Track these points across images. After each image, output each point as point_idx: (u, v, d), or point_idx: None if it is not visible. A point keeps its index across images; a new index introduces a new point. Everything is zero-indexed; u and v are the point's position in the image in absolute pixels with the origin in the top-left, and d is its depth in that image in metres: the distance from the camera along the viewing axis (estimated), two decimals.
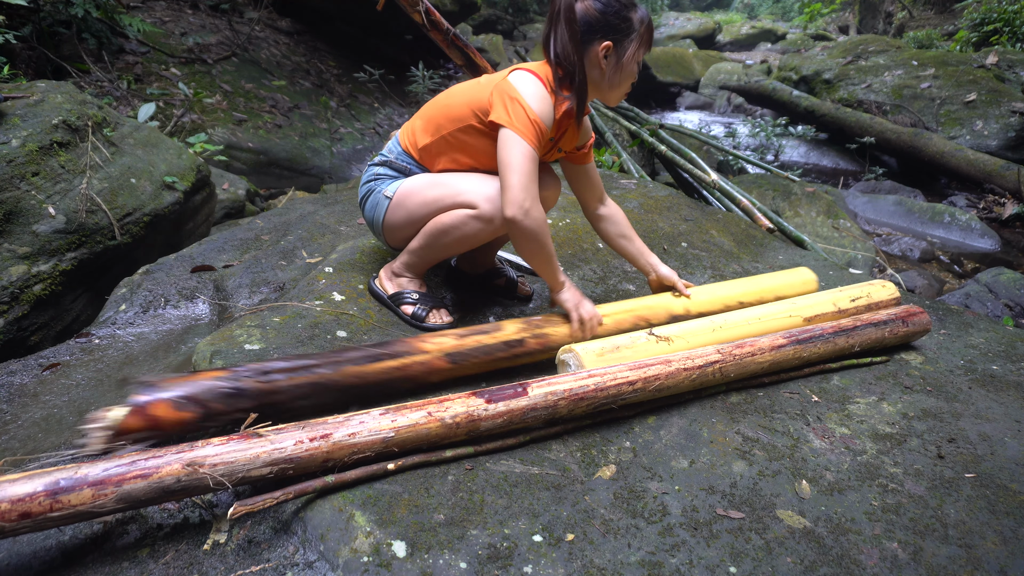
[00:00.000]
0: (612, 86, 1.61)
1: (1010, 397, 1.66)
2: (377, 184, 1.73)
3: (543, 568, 1.03)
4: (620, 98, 1.65)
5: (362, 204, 1.78)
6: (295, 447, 1.09)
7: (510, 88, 1.50)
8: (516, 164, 1.46)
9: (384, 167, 1.74)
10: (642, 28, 1.56)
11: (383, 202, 1.69)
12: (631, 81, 1.63)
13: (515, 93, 1.49)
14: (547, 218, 2.45)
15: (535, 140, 1.47)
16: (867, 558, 1.11)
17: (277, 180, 5.36)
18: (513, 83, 1.51)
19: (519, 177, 1.45)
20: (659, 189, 3.09)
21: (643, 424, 1.43)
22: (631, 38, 1.55)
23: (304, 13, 7.69)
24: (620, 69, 1.58)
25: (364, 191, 1.76)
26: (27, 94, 2.45)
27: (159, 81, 5.34)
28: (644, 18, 1.56)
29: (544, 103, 1.51)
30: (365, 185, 1.76)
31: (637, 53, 1.58)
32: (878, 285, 1.95)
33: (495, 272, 1.95)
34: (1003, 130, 6.00)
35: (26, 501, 0.91)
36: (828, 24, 17.25)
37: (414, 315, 1.70)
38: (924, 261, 4.26)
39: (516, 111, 1.47)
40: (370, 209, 1.74)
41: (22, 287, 2.15)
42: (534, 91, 1.50)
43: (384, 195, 1.69)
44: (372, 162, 1.78)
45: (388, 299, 1.75)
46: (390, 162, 1.73)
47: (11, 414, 1.52)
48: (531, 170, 1.47)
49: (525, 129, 1.46)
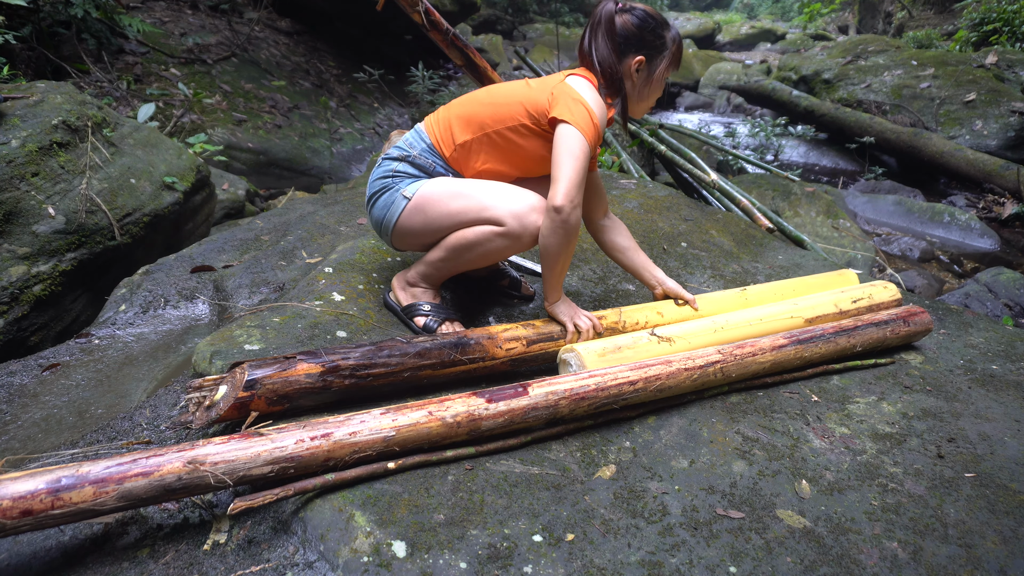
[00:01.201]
0: (641, 99, 1.65)
1: (1010, 397, 1.66)
2: (395, 182, 1.63)
3: (543, 568, 1.03)
4: (646, 111, 1.69)
5: (372, 200, 1.67)
6: (296, 446, 1.09)
7: (571, 90, 1.52)
8: (574, 158, 1.45)
9: (404, 163, 1.64)
10: (674, 47, 1.61)
11: (400, 202, 1.60)
12: (657, 96, 1.68)
13: (577, 95, 1.50)
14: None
15: (593, 141, 1.49)
16: (867, 558, 1.11)
17: (277, 180, 5.36)
18: (574, 86, 1.54)
19: (574, 172, 1.45)
20: (659, 189, 3.09)
21: (643, 424, 1.43)
22: (663, 55, 1.60)
23: (304, 13, 7.69)
24: (649, 83, 1.63)
25: (377, 187, 1.65)
26: (27, 94, 2.45)
27: (159, 81, 5.34)
28: (676, 37, 1.62)
29: (601, 109, 1.54)
30: (379, 181, 1.65)
31: (667, 70, 1.63)
32: (880, 286, 1.95)
33: (499, 273, 1.95)
34: (1003, 130, 6.00)
35: (27, 499, 0.91)
36: (828, 24, 17.25)
37: (425, 327, 1.65)
38: (924, 261, 4.26)
39: (579, 111, 1.48)
40: (382, 207, 1.64)
41: (22, 287, 2.15)
42: (593, 96, 1.53)
43: (403, 195, 1.60)
44: (388, 155, 1.67)
45: (401, 311, 1.70)
46: (412, 158, 1.63)
47: (11, 414, 1.52)
48: (584, 168, 1.47)
49: (587, 128, 1.47)
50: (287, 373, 1.26)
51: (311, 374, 1.28)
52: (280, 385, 1.25)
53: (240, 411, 1.22)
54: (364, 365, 1.34)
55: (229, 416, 1.21)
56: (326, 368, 1.29)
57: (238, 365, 1.26)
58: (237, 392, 1.21)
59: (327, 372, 1.30)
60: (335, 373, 1.30)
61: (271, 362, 1.26)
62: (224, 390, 1.24)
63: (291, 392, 1.26)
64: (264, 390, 1.23)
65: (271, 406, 1.25)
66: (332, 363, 1.30)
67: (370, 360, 1.35)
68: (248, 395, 1.21)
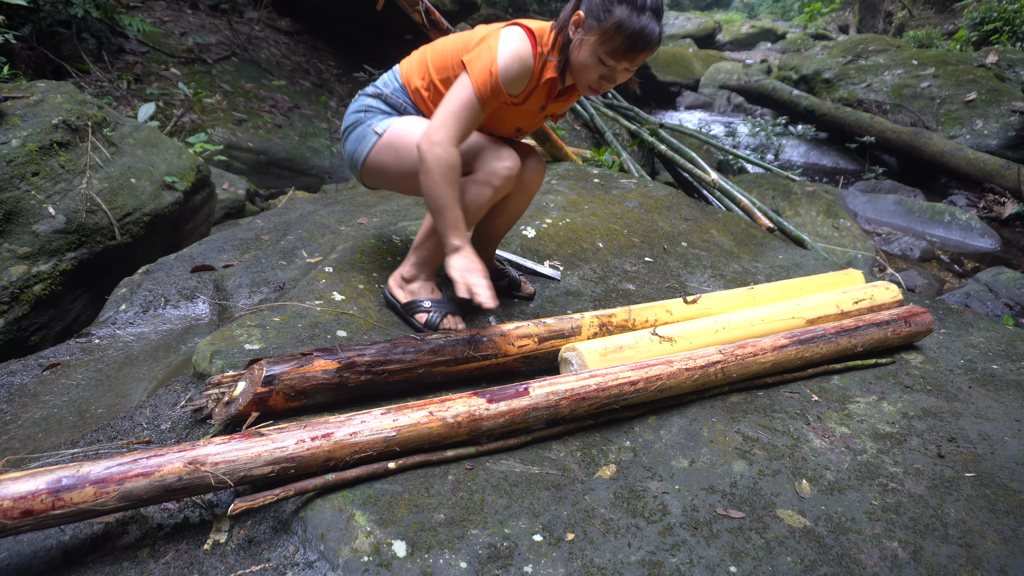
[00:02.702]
0: (576, 63, 1.47)
1: (1010, 396, 1.66)
2: (367, 117, 1.63)
3: (543, 568, 1.03)
4: (585, 86, 1.51)
5: (345, 134, 1.68)
6: (297, 446, 1.09)
7: (494, 38, 1.46)
8: (451, 101, 1.43)
9: (377, 100, 1.65)
10: (611, 27, 1.38)
11: (371, 137, 1.60)
12: (590, 77, 1.48)
13: (494, 42, 1.45)
14: (547, 217, 2.45)
15: (484, 90, 1.43)
16: (867, 557, 1.11)
17: (277, 180, 5.36)
18: (500, 34, 1.47)
19: (444, 114, 1.43)
20: (659, 188, 3.09)
21: (643, 424, 1.43)
22: (597, 29, 1.39)
23: (304, 13, 7.68)
24: (580, 49, 1.44)
25: (351, 120, 1.66)
26: (27, 94, 2.45)
27: (159, 81, 5.33)
28: (627, 25, 1.37)
29: (517, 62, 1.44)
30: (353, 115, 1.66)
31: (597, 48, 1.41)
32: (881, 287, 1.95)
33: (498, 273, 1.95)
34: (1003, 129, 6.00)
35: (28, 499, 0.91)
36: (828, 23, 17.25)
37: (427, 323, 1.63)
38: (924, 260, 4.26)
39: (482, 59, 1.44)
40: (354, 142, 1.65)
41: (22, 287, 2.15)
42: (513, 47, 1.45)
43: (374, 130, 1.60)
44: (364, 92, 1.68)
45: (401, 308, 1.70)
46: (385, 96, 1.64)
47: (11, 414, 1.52)
48: (462, 112, 1.43)
49: (480, 75, 1.43)
50: (304, 369, 1.27)
51: (328, 370, 1.29)
52: (298, 381, 1.26)
53: (259, 406, 1.23)
54: (380, 362, 1.35)
55: (248, 411, 1.23)
56: (342, 364, 1.31)
57: (256, 362, 1.27)
58: (256, 388, 1.22)
59: (343, 368, 1.31)
60: (351, 369, 1.32)
61: (288, 358, 1.28)
62: (242, 386, 1.25)
63: (308, 388, 1.28)
64: (282, 386, 1.25)
65: (288, 402, 1.27)
66: (348, 359, 1.32)
67: (385, 357, 1.36)
68: (266, 391, 1.23)
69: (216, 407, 1.27)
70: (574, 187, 2.93)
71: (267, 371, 1.24)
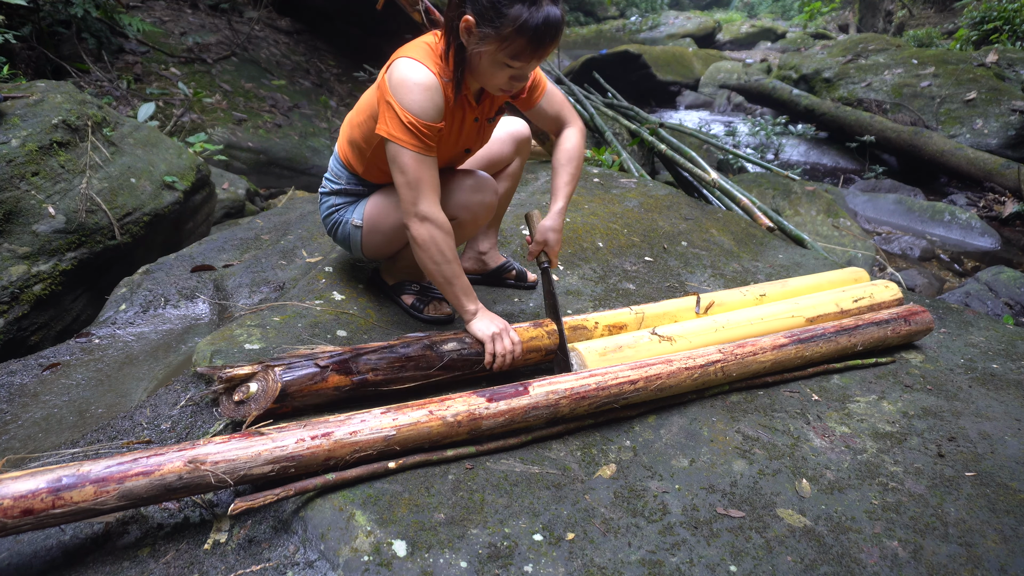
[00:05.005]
0: (477, 71, 1.36)
1: (1010, 395, 1.66)
2: (340, 215, 1.65)
3: (543, 567, 1.03)
4: (496, 89, 1.40)
5: (332, 233, 1.70)
6: (297, 445, 1.09)
7: (386, 89, 1.35)
8: (401, 174, 1.37)
9: (337, 196, 1.66)
10: (510, 32, 1.24)
11: (354, 232, 1.63)
12: (499, 82, 1.36)
13: (390, 96, 1.34)
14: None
15: (417, 143, 1.34)
16: (867, 556, 1.11)
17: (277, 179, 5.35)
18: (389, 81, 1.35)
19: (407, 190, 1.38)
20: (659, 188, 3.09)
21: (643, 423, 1.43)
22: (496, 35, 1.26)
23: (304, 12, 7.68)
24: (480, 58, 1.32)
25: (330, 224, 1.68)
26: (27, 94, 2.45)
27: (159, 81, 5.33)
28: (528, 23, 1.23)
29: (424, 94, 1.33)
30: (328, 219, 1.68)
31: (498, 54, 1.29)
32: (881, 285, 1.95)
33: (503, 267, 2.00)
34: (1003, 128, 6.00)
35: (28, 498, 0.91)
36: (828, 23, 17.23)
37: (413, 306, 1.74)
38: (924, 260, 4.26)
39: (391, 117, 1.34)
40: (343, 239, 1.68)
41: (22, 287, 2.15)
42: (411, 84, 1.33)
43: (352, 224, 1.62)
44: (323, 190, 1.68)
45: (390, 288, 1.76)
46: (343, 190, 1.64)
47: (11, 414, 1.52)
48: (420, 174, 1.36)
49: (404, 135, 1.34)
50: (317, 387, 1.28)
51: (341, 387, 1.30)
52: (310, 398, 1.28)
53: (267, 414, 1.24)
54: (391, 380, 1.36)
55: (256, 419, 1.23)
56: (355, 384, 1.32)
57: (270, 368, 1.27)
58: (268, 403, 1.23)
59: (355, 387, 1.32)
60: (363, 387, 1.33)
61: (301, 366, 1.27)
62: (256, 390, 1.25)
63: (319, 403, 1.31)
64: (294, 400, 1.26)
65: (297, 409, 1.30)
66: (362, 378, 1.32)
67: (397, 375, 1.37)
68: (278, 406, 1.24)
69: (225, 399, 1.28)
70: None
71: (282, 385, 1.23)
